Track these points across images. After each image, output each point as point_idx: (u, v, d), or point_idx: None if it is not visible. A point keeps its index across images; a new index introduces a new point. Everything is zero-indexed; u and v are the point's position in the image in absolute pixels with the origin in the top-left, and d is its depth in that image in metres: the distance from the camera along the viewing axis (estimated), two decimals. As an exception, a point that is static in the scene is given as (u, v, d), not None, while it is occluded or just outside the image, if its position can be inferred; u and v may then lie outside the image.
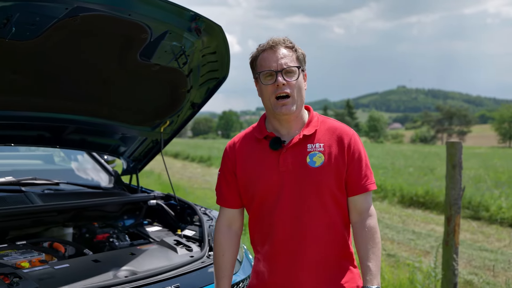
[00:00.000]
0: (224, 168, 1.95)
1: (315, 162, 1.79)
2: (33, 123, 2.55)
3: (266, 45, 1.82)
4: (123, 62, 2.31)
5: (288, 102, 1.77)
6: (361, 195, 1.85)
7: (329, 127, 1.87)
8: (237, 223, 1.97)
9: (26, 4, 1.71)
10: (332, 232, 1.84)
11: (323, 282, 1.83)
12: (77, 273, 1.92)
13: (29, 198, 2.47)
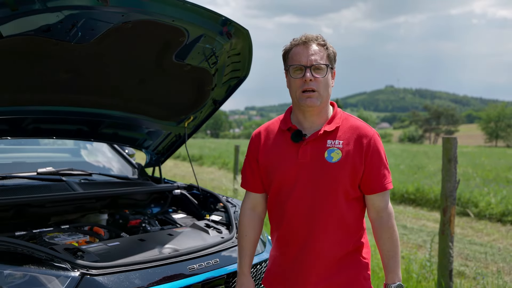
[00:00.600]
0: (249, 154, 2.07)
1: (332, 158, 1.87)
2: (74, 118, 2.79)
3: (300, 40, 1.90)
4: (159, 62, 2.55)
5: (313, 96, 1.85)
6: (379, 194, 1.92)
7: (351, 126, 1.94)
8: (260, 207, 2.09)
9: (91, 12, 1.95)
10: (342, 226, 1.91)
11: (330, 273, 1.91)
12: (127, 249, 2.16)
13: (71, 186, 2.69)
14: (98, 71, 2.44)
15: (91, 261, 1.90)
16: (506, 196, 10.51)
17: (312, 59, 1.85)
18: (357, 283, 1.93)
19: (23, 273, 1.73)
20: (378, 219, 1.93)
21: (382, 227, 1.93)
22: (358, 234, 1.96)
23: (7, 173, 2.73)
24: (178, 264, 2.09)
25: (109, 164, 3.49)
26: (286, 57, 1.93)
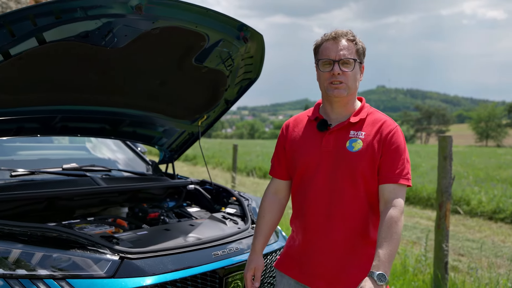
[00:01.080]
0: (278, 143, 2.16)
1: (353, 147, 1.92)
2: (97, 117, 2.96)
3: (330, 35, 1.96)
4: (180, 65, 2.72)
5: (341, 87, 1.92)
6: (390, 185, 1.89)
7: (375, 119, 2.00)
8: (283, 193, 2.17)
9: (126, 19, 2.13)
10: (360, 214, 1.93)
11: (348, 262, 1.94)
12: (156, 237, 2.34)
13: (95, 181, 2.86)
14: (124, 72, 2.61)
15: (126, 247, 2.08)
16: (497, 195, 10.76)
17: (341, 53, 1.91)
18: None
19: (69, 257, 1.91)
20: (385, 209, 1.87)
21: (384, 216, 1.85)
22: (374, 227, 1.96)
23: (36, 169, 2.89)
24: (204, 251, 2.27)
25: (124, 161, 3.66)
26: (317, 52, 2.01)
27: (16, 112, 2.52)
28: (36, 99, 2.53)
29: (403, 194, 1.90)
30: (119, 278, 1.91)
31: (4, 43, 1.98)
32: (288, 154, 2.10)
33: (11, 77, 2.23)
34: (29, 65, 2.18)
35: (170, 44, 2.51)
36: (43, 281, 1.79)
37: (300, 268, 2.04)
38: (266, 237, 2.16)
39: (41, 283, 1.78)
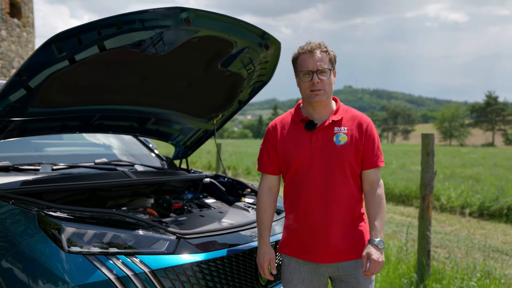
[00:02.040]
0: (267, 143, 2.43)
1: (340, 141, 2.27)
2: (128, 115, 3.22)
3: (306, 48, 2.27)
4: (207, 69, 3.01)
5: (321, 93, 2.25)
6: (372, 169, 2.33)
7: (352, 115, 2.36)
8: (275, 187, 2.46)
9: (175, 30, 2.42)
10: (350, 196, 2.30)
11: (343, 235, 2.30)
12: (195, 222, 2.63)
13: (126, 174, 3.13)
14: (160, 76, 2.89)
15: (177, 229, 2.37)
16: (465, 190, 11.38)
17: (318, 64, 2.24)
18: (363, 241, 2.34)
19: (135, 236, 2.19)
20: (371, 190, 2.32)
21: (374, 196, 2.31)
22: (360, 204, 2.38)
23: (74, 163, 3.14)
24: (240, 233, 2.58)
25: (142, 156, 3.91)
26: (295, 63, 2.33)
27: (65, 111, 2.77)
28: (85, 99, 2.79)
29: (380, 174, 2.38)
30: (177, 254, 2.21)
31: (72, 50, 2.24)
32: (280, 154, 2.39)
33: (71, 81, 2.49)
34: (87, 69, 2.45)
35: (203, 50, 2.80)
36: (116, 257, 2.07)
37: (305, 248, 2.34)
38: (270, 228, 2.46)
39: (114, 259, 2.06)
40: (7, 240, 2.11)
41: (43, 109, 2.62)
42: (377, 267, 2.22)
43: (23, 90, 2.34)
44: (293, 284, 2.38)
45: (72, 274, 1.97)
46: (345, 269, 2.34)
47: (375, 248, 2.23)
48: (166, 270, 2.12)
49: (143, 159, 3.86)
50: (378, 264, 2.22)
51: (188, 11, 2.35)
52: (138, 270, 2.06)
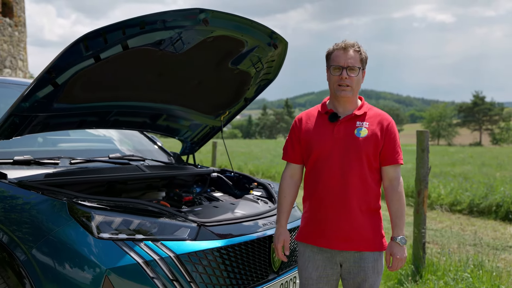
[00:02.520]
0: (292, 134, 2.59)
1: (360, 134, 2.40)
2: (142, 112, 3.35)
3: (340, 45, 2.43)
4: (217, 67, 3.15)
5: (347, 89, 2.40)
6: (392, 166, 2.45)
7: (374, 113, 2.51)
8: (297, 175, 2.61)
9: (193, 29, 2.56)
10: (366, 187, 2.41)
11: (359, 225, 2.40)
12: (210, 212, 2.77)
13: (140, 168, 3.26)
14: (176, 73, 3.02)
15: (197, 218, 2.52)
16: (454, 188, 11.62)
17: (349, 62, 2.39)
18: (379, 231, 2.48)
19: (159, 224, 2.33)
20: (390, 186, 2.44)
21: (393, 192, 2.44)
22: (377, 198, 2.48)
23: (91, 157, 3.26)
24: (255, 222, 2.73)
25: (150, 152, 4.04)
26: (329, 58, 2.48)
27: (85, 107, 2.90)
28: (104, 96, 2.92)
29: (400, 171, 2.49)
30: (199, 241, 2.35)
31: (98, 48, 2.38)
32: (302, 142, 2.53)
33: (93, 78, 2.62)
34: (108, 67, 2.58)
35: (216, 49, 2.94)
36: (143, 242, 2.21)
37: (321, 235, 2.47)
38: (289, 213, 2.62)
39: (141, 244, 2.20)
40: (38, 228, 2.23)
41: (67, 105, 2.74)
42: (399, 264, 2.41)
43: (50, 87, 2.46)
44: (307, 272, 2.51)
45: (103, 258, 2.11)
46: (356, 261, 2.45)
47: (397, 245, 2.41)
48: (189, 255, 2.27)
49: (152, 154, 3.99)
50: (400, 261, 2.41)
51: (206, 12, 2.49)
52: (164, 255, 2.20)
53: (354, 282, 2.48)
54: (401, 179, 2.48)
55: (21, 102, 2.44)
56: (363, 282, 2.46)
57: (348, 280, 2.50)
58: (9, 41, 15.79)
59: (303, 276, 2.55)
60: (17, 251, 2.21)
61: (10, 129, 2.60)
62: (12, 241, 2.24)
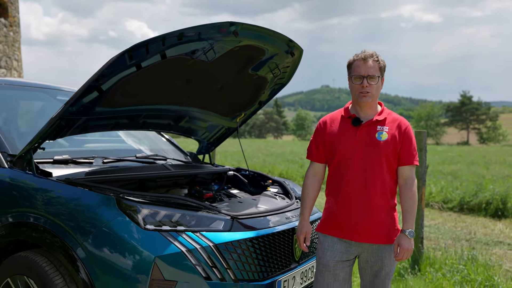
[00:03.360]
0: (316, 135, 2.84)
1: (381, 138, 2.66)
2: (168, 114, 3.60)
3: (360, 56, 2.66)
4: (239, 73, 3.40)
5: (368, 95, 2.64)
6: (407, 166, 2.70)
7: (393, 118, 2.76)
8: (320, 174, 2.85)
9: (223, 40, 2.82)
10: (385, 186, 2.67)
11: (378, 220, 2.68)
12: (237, 207, 3.02)
13: (166, 167, 3.51)
14: (202, 79, 3.27)
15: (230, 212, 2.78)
16: (445, 186, 11.95)
17: (369, 71, 2.63)
18: (395, 226, 2.74)
19: (197, 217, 2.59)
20: (405, 185, 2.70)
21: (407, 190, 2.69)
22: (394, 195, 2.74)
23: (120, 157, 3.50)
24: (280, 215, 3.00)
25: (169, 152, 4.28)
26: (350, 68, 2.72)
27: (121, 111, 3.15)
28: (138, 100, 3.17)
29: (414, 172, 2.74)
30: (233, 232, 2.61)
31: (141, 58, 2.62)
32: (326, 144, 2.78)
33: (132, 84, 2.86)
34: (146, 74, 2.82)
35: (239, 57, 3.19)
36: (185, 233, 2.46)
37: (341, 227, 2.73)
38: (311, 208, 2.89)
39: (184, 235, 2.46)
40: (89, 220, 2.48)
41: (106, 108, 2.99)
42: (406, 254, 2.65)
43: (96, 93, 2.70)
44: (325, 259, 2.78)
45: (151, 247, 2.36)
46: (374, 252, 2.73)
47: (406, 238, 2.65)
48: (226, 244, 2.53)
49: (172, 154, 4.23)
50: (407, 251, 2.65)
51: (236, 24, 2.75)
52: (204, 244, 2.45)
53: (371, 270, 2.77)
54: (415, 179, 2.74)
55: (70, 107, 2.68)
56: (380, 270, 2.75)
57: (365, 269, 2.79)
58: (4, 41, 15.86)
59: (321, 263, 2.82)
60: (69, 240, 2.45)
61: (56, 131, 2.84)
62: (65, 231, 2.48)
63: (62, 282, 2.46)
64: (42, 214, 2.58)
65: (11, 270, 2.64)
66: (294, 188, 3.79)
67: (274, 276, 2.74)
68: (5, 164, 2.89)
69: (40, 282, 2.48)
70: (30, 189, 2.73)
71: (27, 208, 2.65)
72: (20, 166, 2.88)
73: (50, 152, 3.13)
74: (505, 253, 6.81)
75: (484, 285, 4.74)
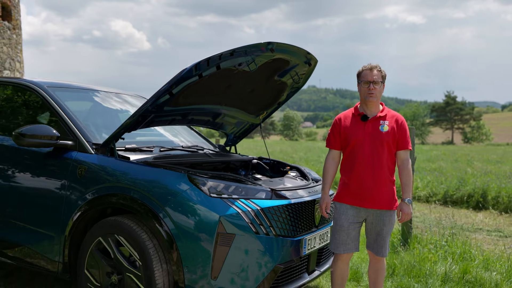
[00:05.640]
0: (333, 128, 3.68)
1: (383, 129, 3.52)
2: (209, 112, 4.44)
3: (367, 67, 3.53)
4: (267, 79, 4.25)
5: (373, 95, 3.50)
6: (403, 150, 3.58)
7: (392, 114, 3.62)
8: (337, 158, 3.71)
9: (263, 55, 3.66)
10: (387, 166, 3.53)
11: (382, 191, 3.51)
12: (271, 183, 3.83)
13: (207, 155, 4.35)
14: (239, 84, 4.11)
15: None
16: (431, 181, 12.85)
17: (374, 78, 3.51)
18: (394, 196, 3.59)
19: (247, 188, 3.43)
20: (402, 165, 3.59)
21: (404, 168, 3.59)
22: (393, 173, 3.61)
23: (173, 146, 4.35)
24: (303, 190, 3.85)
25: (202, 143, 5.13)
26: (359, 75, 3.59)
27: (179, 110, 3.98)
28: (192, 101, 4.00)
29: (409, 155, 3.62)
30: (273, 199, 3.46)
31: (203, 69, 3.46)
32: (342, 135, 3.67)
33: (193, 89, 3.70)
34: (203, 81, 3.65)
35: (270, 67, 4.04)
36: (239, 200, 3.31)
37: (354, 196, 3.58)
38: (330, 184, 3.78)
39: (238, 201, 3.30)
40: (167, 191, 3.29)
41: (171, 108, 3.83)
42: (406, 217, 3.55)
43: (167, 95, 3.55)
44: (341, 221, 3.68)
45: (216, 209, 3.21)
46: (378, 215, 3.62)
47: (405, 204, 3.57)
48: (269, 209, 3.37)
49: (205, 145, 5.08)
50: (407, 214, 3.55)
51: (272, 43, 3.60)
52: (253, 208, 3.30)
53: (375, 230, 3.66)
54: (410, 160, 3.61)
55: (149, 106, 3.51)
56: (382, 230, 3.65)
57: (371, 229, 3.69)
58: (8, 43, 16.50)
59: (337, 224, 3.71)
60: (153, 205, 3.27)
61: (133, 125, 3.67)
62: (149, 199, 3.30)
63: (146, 236, 3.28)
64: (129, 187, 3.39)
65: (103, 230, 3.46)
66: (309, 172, 4.65)
67: (302, 235, 3.60)
68: (92, 151, 3.71)
69: (130, 237, 3.29)
70: (116, 169, 3.55)
71: (115, 183, 3.47)
72: (103, 152, 3.70)
73: (119, 142, 3.94)
74: (484, 238, 7.76)
75: (463, 256, 5.64)
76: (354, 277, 4.97)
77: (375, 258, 3.78)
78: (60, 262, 3.65)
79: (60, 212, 3.63)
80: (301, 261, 3.66)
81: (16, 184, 3.95)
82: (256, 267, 3.25)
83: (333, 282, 3.83)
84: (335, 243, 3.72)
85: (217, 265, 3.17)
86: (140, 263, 3.25)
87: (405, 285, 4.81)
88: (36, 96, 4.19)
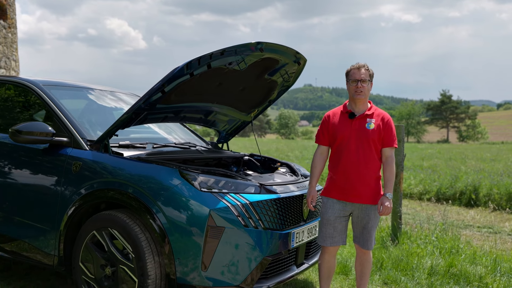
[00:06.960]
0: (322, 125, 3.81)
1: (369, 127, 3.64)
2: (201, 110, 4.55)
3: (355, 66, 3.66)
4: (258, 78, 4.36)
5: (361, 94, 3.62)
6: (388, 148, 3.69)
7: (379, 113, 3.73)
8: (325, 154, 3.85)
9: (253, 54, 3.77)
10: (372, 162, 3.64)
11: (367, 186, 3.64)
12: (261, 179, 3.96)
13: (199, 151, 4.47)
14: (230, 83, 4.22)
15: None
16: (424, 179, 13.01)
17: (362, 76, 3.64)
18: (379, 192, 3.71)
19: (236, 183, 3.55)
20: (386, 162, 3.71)
21: (388, 165, 3.70)
22: (379, 169, 3.73)
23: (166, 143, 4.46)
24: (292, 185, 3.97)
25: (196, 140, 5.24)
26: (348, 74, 3.72)
27: (171, 107, 4.10)
28: (183, 99, 4.11)
29: (393, 152, 3.75)
30: (262, 194, 3.58)
31: (194, 68, 3.58)
32: (330, 131, 3.80)
33: (184, 87, 3.81)
34: (194, 80, 3.77)
35: (260, 66, 4.16)
36: (229, 194, 3.43)
37: (341, 191, 3.71)
38: (317, 179, 3.92)
39: (228, 195, 3.42)
40: (161, 185, 3.40)
41: (163, 105, 3.95)
42: (386, 211, 3.62)
43: (160, 93, 3.66)
44: (327, 215, 3.81)
45: (207, 203, 3.33)
46: (363, 210, 3.76)
47: (386, 198, 3.64)
48: (257, 202, 3.49)
49: (198, 142, 5.19)
50: (388, 209, 3.62)
51: (262, 43, 3.72)
52: (242, 202, 3.42)
53: (361, 224, 3.79)
54: (394, 157, 3.74)
55: (141, 104, 3.63)
56: (367, 223, 3.77)
57: (357, 223, 3.81)
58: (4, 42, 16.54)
59: (324, 217, 3.84)
60: (145, 199, 3.39)
61: (126, 122, 3.78)
62: (142, 193, 3.42)
63: (139, 229, 3.39)
64: (122, 182, 3.51)
65: (97, 224, 3.57)
66: (299, 168, 4.77)
67: (290, 228, 3.72)
68: (86, 147, 3.83)
69: (123, 230, 3.41)
70: (109, 165, 3.66)
71: (109, 179, 3.59)
72: (97, 148, 3.81)
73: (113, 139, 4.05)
74: (473, 234, 7.91)
75: (451, 250, 5.78)
76: (342, 271, 5.10)
77: (361, 251, 3.91)
78: (55, 255, 3.76)
79: (56, 207, 3.74)
80: (290, 254, 3.78)
81: (13, 180, 4.06)
82: (245, 259, 3.38)
83: (321, 274, 3.96)
84: (322, 236, 3.85)
85: (207, 258, 3.29)
86: (133, 255, 3.36)
87: (392, 278, 4.94)
88: (31, 94, 4.30)
